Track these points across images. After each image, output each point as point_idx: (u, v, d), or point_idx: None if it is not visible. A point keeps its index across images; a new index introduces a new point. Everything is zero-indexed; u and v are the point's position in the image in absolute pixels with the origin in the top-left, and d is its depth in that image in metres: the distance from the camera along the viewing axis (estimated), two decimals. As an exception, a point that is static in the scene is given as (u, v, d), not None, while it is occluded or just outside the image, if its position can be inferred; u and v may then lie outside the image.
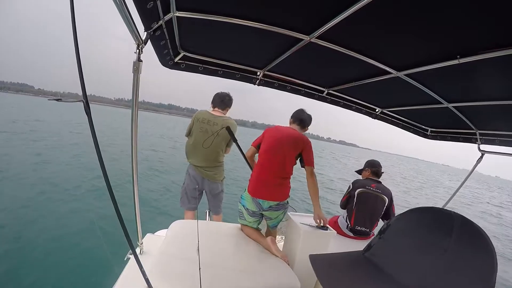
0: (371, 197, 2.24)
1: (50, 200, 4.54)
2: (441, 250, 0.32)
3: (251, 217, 1.85)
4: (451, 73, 1.17)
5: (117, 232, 0.94)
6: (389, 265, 0.35)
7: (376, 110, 2.16)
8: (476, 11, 0.75)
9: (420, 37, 0.97)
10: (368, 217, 2.22)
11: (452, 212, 0.37)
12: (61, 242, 3.22)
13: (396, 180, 18.04)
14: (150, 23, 0.97)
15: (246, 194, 1.87)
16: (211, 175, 2.49)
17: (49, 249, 3.04)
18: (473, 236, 0.33)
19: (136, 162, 1.29)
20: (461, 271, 0.31)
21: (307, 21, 1.03)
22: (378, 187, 2.27)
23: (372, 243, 0.41)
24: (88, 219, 3.94)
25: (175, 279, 1.19)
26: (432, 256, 0.32)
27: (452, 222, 0.35)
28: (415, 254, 0.34)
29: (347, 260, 0.41)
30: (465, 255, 0.32)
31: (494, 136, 1.95)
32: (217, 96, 2.54)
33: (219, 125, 2.40)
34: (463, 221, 0.35)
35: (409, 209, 0.40)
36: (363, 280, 0.36)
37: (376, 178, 2.36)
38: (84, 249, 3.14)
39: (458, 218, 0.35)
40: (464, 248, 0.32)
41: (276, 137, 1.86)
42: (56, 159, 7.55)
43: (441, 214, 0.37)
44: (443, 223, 0.35)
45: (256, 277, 1.33)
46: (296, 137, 1.85)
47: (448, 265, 0.31)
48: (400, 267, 0.34)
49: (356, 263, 0.39)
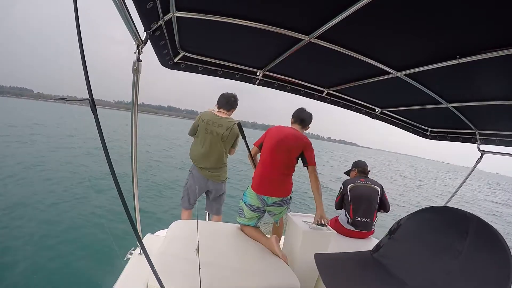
0: (364, 188, 2.36)
1: (50, 200, 4.55)
2: (455, 254, 0.30)
3: (253, 212, 1.88)
4: (451, 73, 1.17)
5: (117, 232, 0.93)
6: (400, 268, 0.33)
7: (375, 110, 2.16)
8: (476, 11, 0.75)
9: (420, 37, 0.97)
10: (366, 207, 2.28)
11: (467, 213, 0.34)
12: (61, 242, 3.22)
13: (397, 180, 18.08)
14: (150, 23, 0.97)
15: (249, 191, 1.92)
16: (216, 175, 2.49)
17: (49, 249, 3.05)
18: (489, 239, 0.31)
19: (136, 162, 1.29)
20: (476, 277, 0.28)
21: (307, 21, 1.03)
22: (367, 180, 2.43)
23: (381, 243, 0.39)
24: (88, 218, 3.94)
25: (175, 279, 1.19)
26: (445, 260, 0.30)
27: (467, 224, 0.32)
28: (427, 257, 0.32)
29: (354, 261, 0.39)
30: (480, 260, 0.29)
31: (494, 136, 1.95)
32: (222, 97, 2.52)
33: (223, 127, 2.40)
34: (479, 223, 0.32)
35: (420, 209, 0.38)
36: (371, 282, 0.34)
37: (364, 175, 2.51)
38: (84, 249, 3.14)
39: (474, 220, 0.33)
40: (480, 252, 0.30)
41: (278, 137, 1.91)
42: (56, 159, 7.56)
43: (455, 215, 0.34)
44: (457, 225, 0.32)
45: (256, 277, 1.33)
46: (297, 137, 1.91)
47: (462, 269, 0.29)
48: (411, 270, 0.32)
49: (364, 264, 0.37)
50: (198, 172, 2.47)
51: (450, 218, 0.34)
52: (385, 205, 2.36)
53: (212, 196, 2.57)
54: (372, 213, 2.29)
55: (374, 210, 2.31)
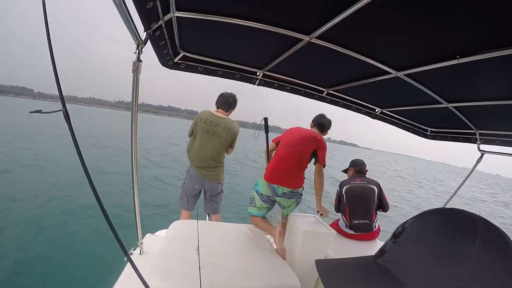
0: (359, 189, 2.32)
1: (49, 199, 4.54)
2: (463, 258, 0.29)
3: (263, 202, 2.02)
4: (451, 73, 1.17)
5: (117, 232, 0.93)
6: (405, 274, 0.32)
7: (376, 110, 2.16)
8: (476, 11, 0.75)
9: (420, 37, 0.97)
10: (363, 209, 2.24)
11: (474, 215, 0.33)
12: (61, 242, 3.22)
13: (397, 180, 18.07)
14: (150, 23, 0.97)
15: (261, 180, 2.05)
16: (212, 175, 2.49)
17: (49, 249, 3.04)
18: (499, 243, 0.30)
19: (136, 163, 1.29)
20: (487, 282, 0.27)
21: (307, 21, 1.03)
22: (363, 180, 2.37)
23: (385, 248, 0.37)
24: (88, 218, 3.94)
25: (175, 279, 1.19)
26: (453, 265, 0.29)
27: (475, 227, 0.31)
28: (434, 262, 0.30)
29: (356, 266, 0.37)
30: (490, 265, 0.28)
31: (494, 136, 1.95)
32: (221, 97, 2.52)
33: (221, 127, 2.40)
34: (486, 225, 0.31)
35: (426, 211, 0.37)
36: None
37: (360, 175, 2.46)
38: (84, 249, 3.14)
39: (481, 222, 0.31)
40: (489, 257, 0.28)
41: (296, 134, 2.10)
42: (55, 159, 7.56)
43: (462, 218, 0.33)
44: (465, 228, 0.31)
45: (256, 277, 1.33)
46: (314, 136, 2.08)
47: (471, 275, 0.28)
48: (418, 276, 0.31)
49: (367, 270, 0.36)
50: (195, 171, 2.48)
51: (457, 221, 0.33)
52: (383, 204, 2.32)
53: (208, 195, 2.58)
54: (370, 213, 2.24)
55: (372, 210, 2.26)
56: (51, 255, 2.93)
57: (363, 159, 2.64)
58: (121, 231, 0.92)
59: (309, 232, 1.72)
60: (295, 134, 2.10)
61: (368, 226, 2.23)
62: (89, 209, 4.33)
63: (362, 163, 2.54)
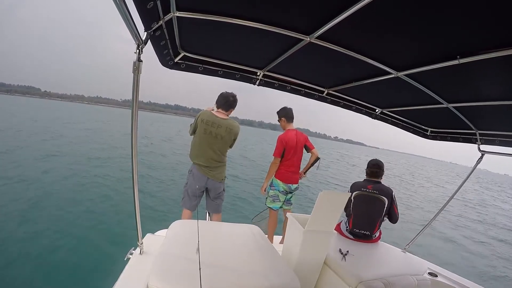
0: (368, 199, 2.15)
1: (49, 200, 4.55)
2: None
3: (284, 195, 2.75)
4: (451, 73, 1.17)
5: (117, 232, 0.93)
6: None
7: (376, 110, 2.16)
8: (476, 11, 0.75)
9: (420, 37, 0.97)
10: (366, 220, 2.14)
11: None
12: (60, 242, 3.22)
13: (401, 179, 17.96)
14: (150, 23, 0.97)
15: (276, 180, 2.73)
16: (215, 174, 2.51)
17: (49, 249, 3.05)
18: None
19: (136, 162, 1.29)
20: None
21: (307, 21, 1.03)
22: (375, 188, 2.15)
23: None
24: (88, 218, 3.95)
25: (175, 279, 1.19)
26: None
27: None
28: None
29: None
30: None
31: (494, 136, 1.95)
32: (221, 97, 2.52)
33: (223, 128, 2.43)
34: None
35: None
36: None
37: (374, 179, 2.24)
38: (84, 249, 3.14)
39: None
40: None
41: (295, 141, 2.71)
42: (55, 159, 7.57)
43: None
44: None
45: (256, 277, 1.33)
46: (302, 135, 2.77)
47: None
48: None
49: None
50: (197, 170, 2.49)
51: None
52: (392, 217, 2.16)
53: (212, 194, 2.59)
54: (373, 226, 2.13)
55: (376, 223, 2.14)
56: (51, 255, 2.94)
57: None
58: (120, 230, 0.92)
59: (309, 232, 1.72)
60: (294, 140, 2.70)
61: (367, 236, 2.15)
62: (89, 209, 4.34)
63: (376, 165, 2.26)
